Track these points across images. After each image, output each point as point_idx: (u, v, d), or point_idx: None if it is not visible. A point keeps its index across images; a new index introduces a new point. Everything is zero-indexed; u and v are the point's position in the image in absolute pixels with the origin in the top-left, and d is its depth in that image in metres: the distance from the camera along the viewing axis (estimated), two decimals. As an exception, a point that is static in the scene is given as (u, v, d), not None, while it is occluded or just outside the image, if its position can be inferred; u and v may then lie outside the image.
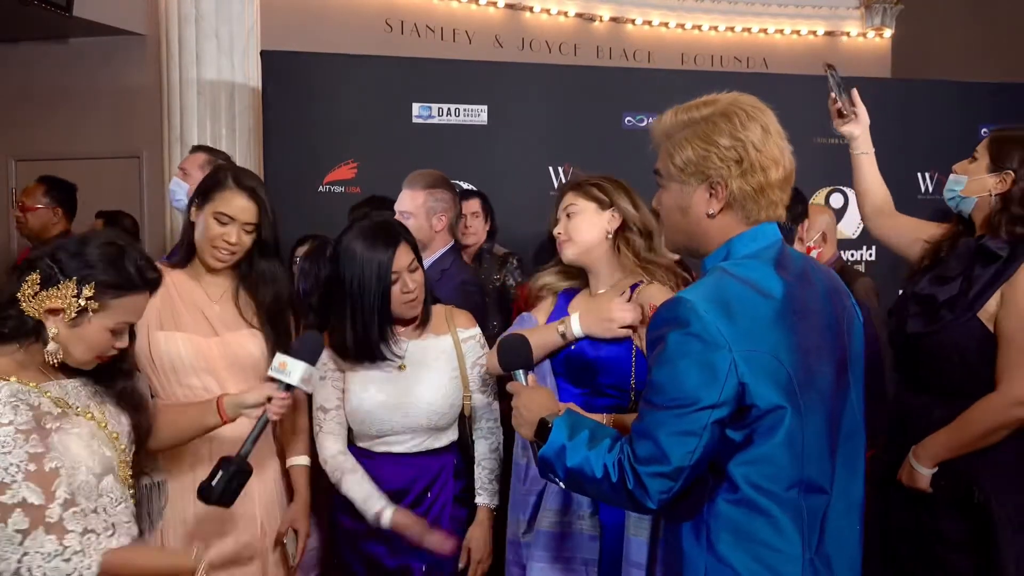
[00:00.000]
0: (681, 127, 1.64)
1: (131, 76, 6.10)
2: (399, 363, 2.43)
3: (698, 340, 1.50)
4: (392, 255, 2.36)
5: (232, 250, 2.34)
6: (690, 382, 1.51)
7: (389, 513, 2.32)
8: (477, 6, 7.45)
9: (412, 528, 2.31)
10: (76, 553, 1.67)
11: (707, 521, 1.58)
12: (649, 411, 1.56)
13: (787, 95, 2.99)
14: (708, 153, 1.60)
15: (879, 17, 8.47)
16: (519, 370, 1.90)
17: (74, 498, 1.71)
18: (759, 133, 1.60)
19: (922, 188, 5.17)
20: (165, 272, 2.39)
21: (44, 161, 6.34)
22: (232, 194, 2.32)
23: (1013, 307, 2.26)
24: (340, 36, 6.50)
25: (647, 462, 1.53)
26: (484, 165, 4.87)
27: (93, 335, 1.79)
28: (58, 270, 1.77)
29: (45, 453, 1.69)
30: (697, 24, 8.22)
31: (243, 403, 2.13)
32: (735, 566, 1.56)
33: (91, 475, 1.76)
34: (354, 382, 2.42)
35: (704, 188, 1.62)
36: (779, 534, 1.55)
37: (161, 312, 2.34)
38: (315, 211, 4.47)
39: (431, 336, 2.50)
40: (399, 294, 2.38)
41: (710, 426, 1.50)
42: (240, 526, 2.36)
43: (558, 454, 1.63)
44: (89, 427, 1.80)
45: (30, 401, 1.73)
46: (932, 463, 2.34)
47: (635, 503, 1.57)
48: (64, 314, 1.76)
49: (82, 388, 1.87)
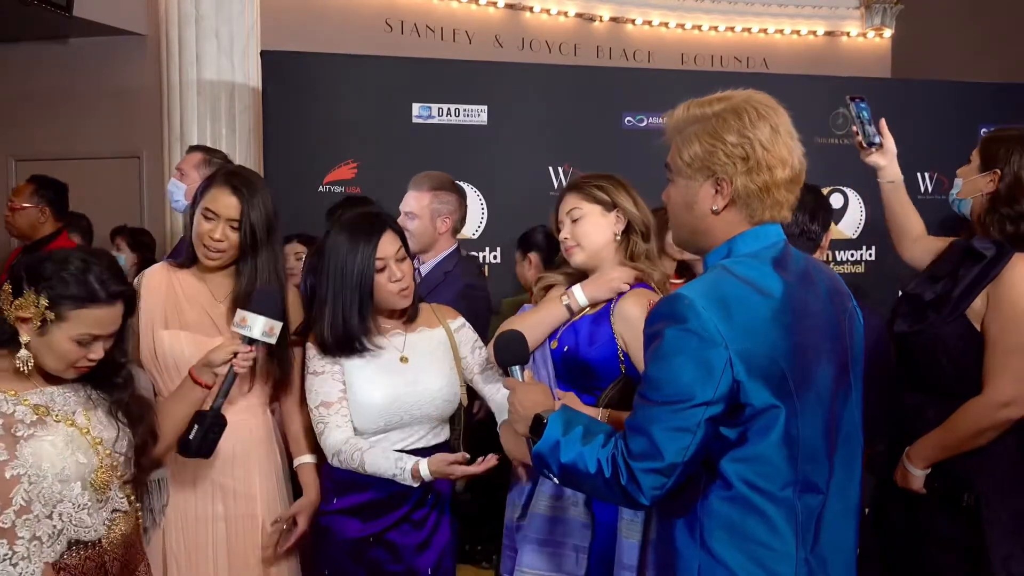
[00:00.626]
0: (691, 122, 1.63)
1: (131, 76, 6.11)
2: (400, 355, 2.42)
3: (695, 337, 1.50)
4: (376, 243, 2.34)
5: (219, 247, 2.33)
6: (685, 378, 1.50)
7: (424, 465, 2.27)
8: (477, 6, 7.45)
9: (453, 470, 2.25)
10: (23, 559, 1.76)
11: (701, 518, 1.58)
12: (643, 406, 1.56)
13: (787, 95, 2.98)
14: (715, 149, 1.60)
15: (879, 17, 8.46)
16: (515, 366, 1.90)
17: (30, 505, 1.78)
18: (768, 132, 1.59)
19: (922, 188, 5.16)
20: (171, 272, 2.42)
21: (44, 161, 6.35)
22: (218, 191, 2.33)
23: (997, 308, 2.26)
24: (340, 36, 6.50)
25: (641, 458, 1.53)
26: (484, 165, 4.87)
27: (58, 345, 1.85)
28: (24, 280, 1.85)
29: (8, 461, 1.76)
30: (697, 24, 8.21)
31: (211, 362, 2.19)
32: (729, 563, 1.56)
33: (56, 481, 1.81)
34: (357, 377, 2.39)
35: (710, 184, 1.62)
36: (773, 532, 1.55)
37: (166, 311, 2.36)
38: (315, 211, 4.47)
39: (424, 329, 2.49)
40: (387, 283, 2.36)
41: (704, 423, 1.50)
42: (242, 525, 2.36)
43: (552, 450, 1.63)
44: (66, 434, 1.84)
45: (3, 409, 1.80)
46: (924, 464, 2.34)
47: (628, 499, 1.57)
48: (30, 323, 1.83)
49: (71, 394, 1.91)
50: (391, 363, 2.41)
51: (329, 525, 2.42)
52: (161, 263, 2.50)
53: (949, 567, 2.32)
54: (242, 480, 2.38)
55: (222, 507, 2.36)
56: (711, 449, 1.54)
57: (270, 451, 2.45)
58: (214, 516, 2.36)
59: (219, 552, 2.35)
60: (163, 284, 2.40)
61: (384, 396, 2.37)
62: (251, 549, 2.38)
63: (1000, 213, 2.34)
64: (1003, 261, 2.28)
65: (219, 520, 2.36)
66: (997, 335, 2.25)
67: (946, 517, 2.33)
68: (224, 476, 2.36)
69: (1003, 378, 2.23)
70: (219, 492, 2.36)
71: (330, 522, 2.42)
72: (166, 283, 2.40)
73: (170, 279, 2.41)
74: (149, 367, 2.36)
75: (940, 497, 2.34)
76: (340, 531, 2.40)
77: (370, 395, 2.37)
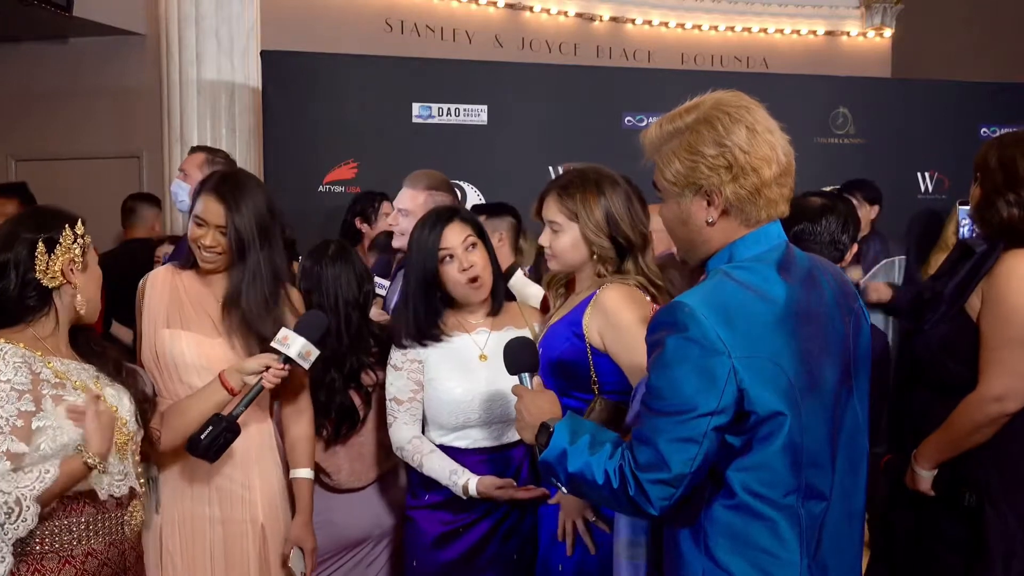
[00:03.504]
0: (667, 139, 1.61)
1: (131, 76, 6.11)
2: (480, 352, 2.43)
3: (696, 345, 1.49)
4: (440, 232, 2.37)
5: (212, 251, 2.34)
6: (688, 388, 1.49)
7: (474, 482, 2.32)
8: (477, 6, 7.45)
9: (499, 491, 2.32)
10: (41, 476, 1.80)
11: (704, 526, 1.57)
12: (648, 417, 1.55)
13: (787, 95, 3.02)
14: (696, 164, 1.57)
15: (879, 17, 8.46)
16: (524, 373, 1.89)
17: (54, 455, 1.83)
18: (745, 134, 1.55)
19: (922, 188, 5.16)
20: (175, 274, 2.43)
21: (44, 161, 6.35)
22: (205, 197, 2.34)
23: (989, 303, 2.26)
24: (340, 36, 6.50)
25: (648, 469, 1.52)
26: (484, 165, 4.87)
27: (95, 269, 2.02)
28: (48, 231, 1.92)
29: (35, 412, 1.83)
30: (697, 24, 8.21)
31: (243, 369, 2.23)
32: (732, 571, 1.55)
33: (79, 436, 1.86)
34: (435, 373, 2.42)
35: (700, 198, 1.59)
36: (777, 540, 1.55)
37: (169, 311, 2.37)
38: (315, 211, 4.48)
39: (511, 328, 2.47)
40: (456, 273, 2.38)
41: (710, 433, 1.49)
42: (242, 529, 2.36)
43: (559, 459, 1.62)
44: (84, 399, 1.89)
45: (34, 367, 1.86)
46: (931, 465, 2.34)
47: (637, 509, 1.56)
48: (76, 262, 1.95)
49: (83, 371, 1.97)
50: (471, 360, 2.43)
51: (417, 519, 2.46)
52: (166, 265, 2.52)
53: (954, 568, 2.32)
54: (242, 484, 2.37)
55: (220, 510, 2.35)
56: (718, 458, 1.53)
57: (271, 456, 2.45)
58: (212, 519, 2.35)
59: (216, 555, 2.35)
60: (167, 285, 2.41)
61: (464, 392, 2.39)
62: (252, 554, 2.37)
63: (980, 218, 2.35)
64: (994, 256, 2.28)
65: (217, 523, 2.35)
66: (988, 330, 2.25)
67: (951, 517, 2.33)
68: (224, 479, 2.35)
69: (994, 372, 2.23)
70: (218, 495, 2.35)
71: (419, 516, 2.46)
72: (170, 284, 2.41)
73: (174, 280, 2.42)
74: (150, 367, 2.36)
75: (943, 497, 2.34)
76: (429, 524, 2.43)
77: (449, 391, 2.40)
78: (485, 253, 2.44)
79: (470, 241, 2.40)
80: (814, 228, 2.56)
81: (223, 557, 2.35)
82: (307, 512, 2.42)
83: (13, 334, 1.90)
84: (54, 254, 1.91)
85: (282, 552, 2.40)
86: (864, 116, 5.31)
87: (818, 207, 2.60)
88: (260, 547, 2.38)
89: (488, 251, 2.45)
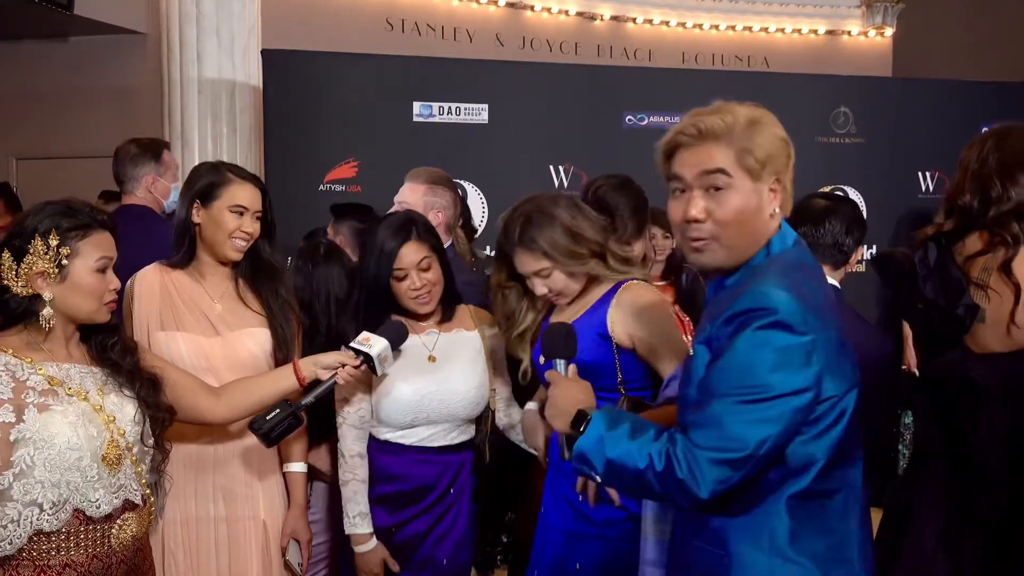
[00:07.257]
0: (747, 124, 1.57)
1: (132, 75, 6.12)
2: (428, 354, 2.46)
3: (781, 328, 1.49)
4: (395, 252, 2.37)
5: (249, 239, 2.37)
6: (766, 369, 1.48)
7: (365, 546, 2.40)
8: (478, 4, 7.45)
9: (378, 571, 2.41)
10: (12, 522, 1.76)
11: (770, 522, 1.55)
12: (717, 400, 1.51)
13: (788, 94, 3.01)
14: (780, 148, 1.58)
15: (880, 16, 8.47)
16: (560, 359, 1.86)
17: (33, 470, 1.76)
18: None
19: (922, 187, 5.16)
20: (164, 273, 2.39)
21: (45, 159, 6.36)
22: (240, 186, 2.35)
23: None
24: (341, 35, 6.50)
25: (711, 449, 1.49)
26: (484, 164, 4.87)
27: (81, 280, 1.87)
28: (20, 240, 1.84)
29: (14, 424, 1.77)
30: (698, 23, 8.22)
31: (320, 363, 2.27)
32: (804, 560, 1.54)
33: (66, 449, 1.80)
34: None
35: (771, 185, 1.59)
36: (844, 518, 1.58)
37: (162, 312, 2.34)
38: (315, 210, 4.48)
39: (460, 331, 2.52)
40: (408, 290, 2.40)
41: (787, 413, 1.49)
42: (244, 527, 2.37)
43: (597, 444, 1.59)
44: (79, 408, 1.84)
45: (17, 375, 1.81)
46: None
47: (683, 492, 1.51)
48: (49, 275, 1.84)
49: (88, 376, 1.91)
50: (420, 361, 2.45)
51: None
52: (153, 264, 2.44)
53: None
54: (244, 482, 2.38)
55: (224, 508, 2.36)
56: (789, 440, 1.52)
57: (271, 453, 2.45)
58: (215, 517, 2.35)
59: (221, 553, 2.35)
60: (157, 286, 2.37)
61: (413, 392, 2.41)
62: (254, 551, 2.37)
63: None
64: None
65: (220, 521, 2.35)
66: None
67: None
68: (225, 478, 2.36)
69: None
70: (220, 493, 2.35)
71: None
72: (160, 285, 2.37)
73: (163, 280, 2.38)
74: (147, 367, 2.36)
75: None
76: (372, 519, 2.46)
77: (399, 391, 2.42)
78: (439, 269, 2.44)
79: (425, 263, 2.40)
80: (816, 231, 2.54)
81: (227, 554, 2.35)
82: (301, 505, 2.45)
83: (7, 337, 1.85)
84: (23, 263, 1.83)
85: (280, 545, 2.41)
86: (865, 115, 5.31)
87: (821, 209, 2.57)
88: (263, 543, 2.39)
89: (442, 264, 2.45)
